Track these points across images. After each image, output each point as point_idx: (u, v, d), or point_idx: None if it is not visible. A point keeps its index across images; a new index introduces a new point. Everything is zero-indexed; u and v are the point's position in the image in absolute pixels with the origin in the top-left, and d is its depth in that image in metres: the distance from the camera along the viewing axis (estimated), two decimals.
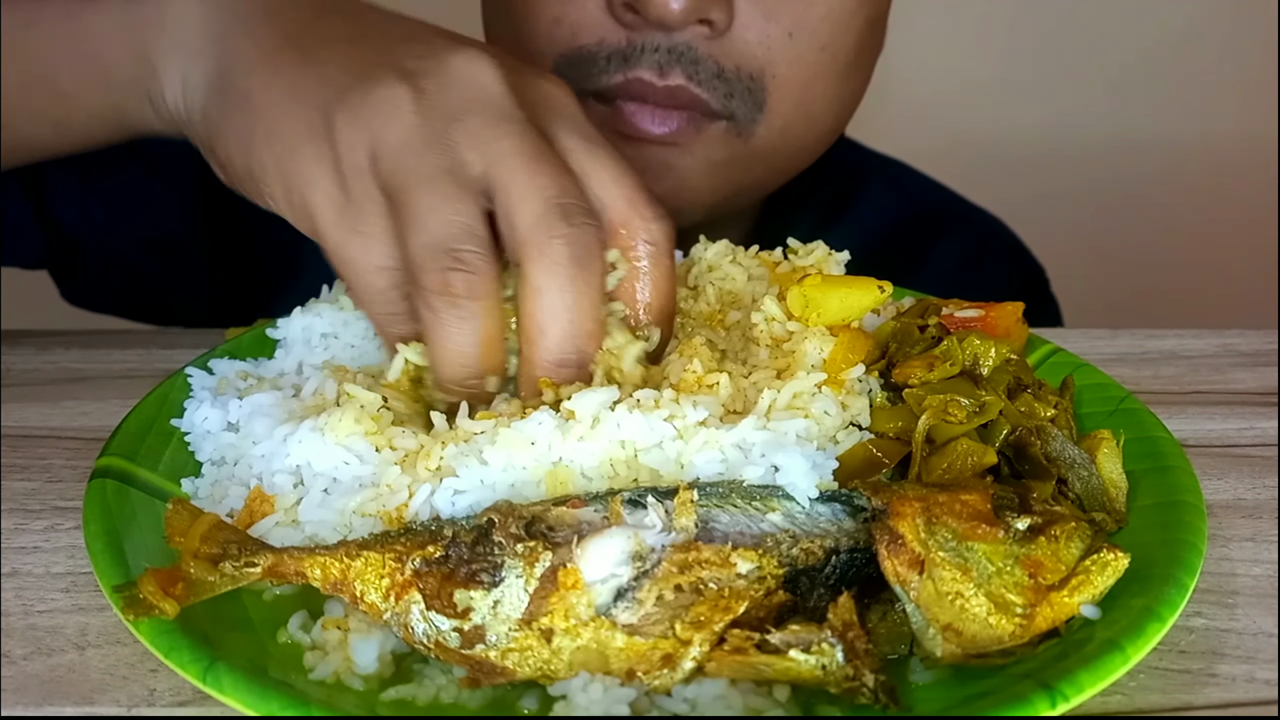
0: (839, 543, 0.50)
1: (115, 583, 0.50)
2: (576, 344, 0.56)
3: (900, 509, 0.49)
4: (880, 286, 0.64)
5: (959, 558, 0.48)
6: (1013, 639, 0.48)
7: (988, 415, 0.59)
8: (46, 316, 0.98)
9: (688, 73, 0.81)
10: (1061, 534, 0.50)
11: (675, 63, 0.81)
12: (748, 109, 0.84)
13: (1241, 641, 0.54)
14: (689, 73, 0.81)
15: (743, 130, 0.85)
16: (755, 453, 0.54)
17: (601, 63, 0.82)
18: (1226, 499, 0.65)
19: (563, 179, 0.56)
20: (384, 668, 0.49)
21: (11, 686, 0.49)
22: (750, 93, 0.83)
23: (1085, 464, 0.59)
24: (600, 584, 0.47)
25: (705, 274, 0.72)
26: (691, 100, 0.82)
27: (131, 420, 0.63)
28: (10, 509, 0.62)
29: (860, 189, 1.12)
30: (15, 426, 0.71)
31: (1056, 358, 0.71)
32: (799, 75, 0.84)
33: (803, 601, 0.49)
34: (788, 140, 0.88)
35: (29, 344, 0.82)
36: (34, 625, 0.53)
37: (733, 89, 0.83)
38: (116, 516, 0.55)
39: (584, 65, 0.83)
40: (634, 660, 0.46)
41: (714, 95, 0.82)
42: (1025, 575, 0.48)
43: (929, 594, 0.48)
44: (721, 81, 0.82)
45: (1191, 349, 0.83)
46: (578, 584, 0.47)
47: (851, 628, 0.46)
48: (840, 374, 0.61)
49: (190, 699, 0.49)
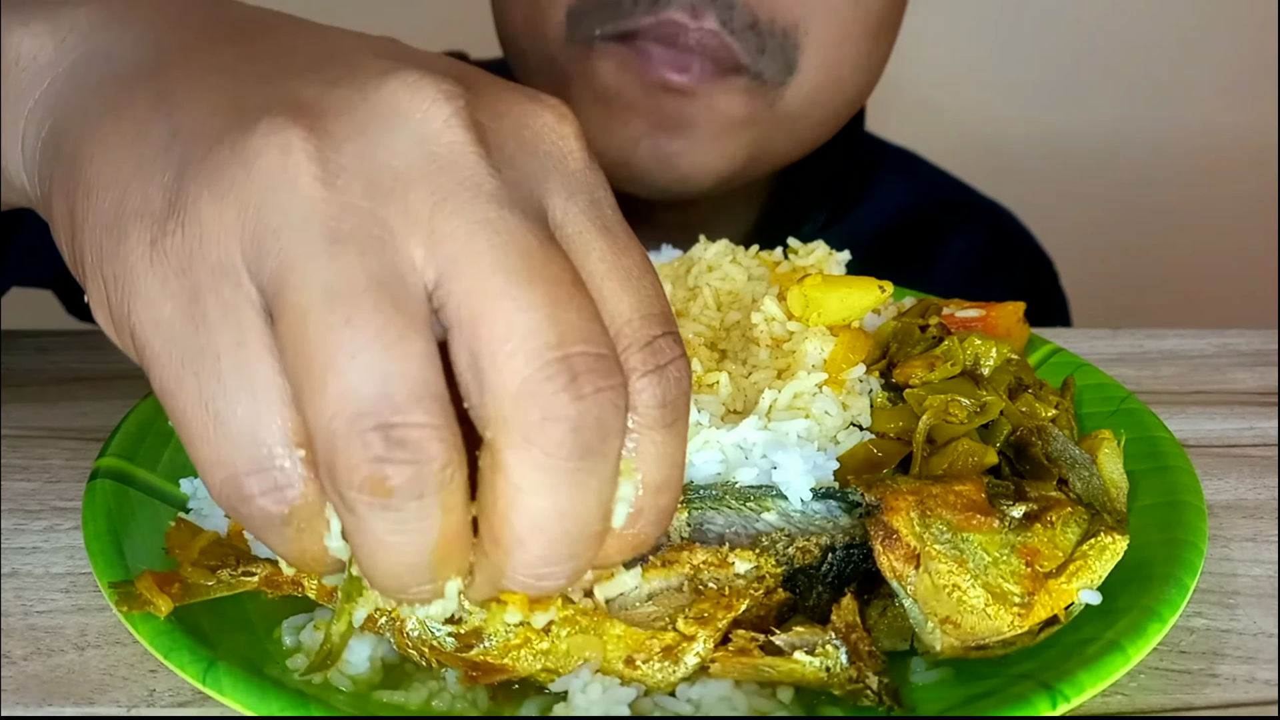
0: (835, 540, 0.50)
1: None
2: (568, 553, 0.37)
3: (894, 503, 0.49)
4: (881, 286, 0.64)
5: (954, 549, 0.48)
6: (1012, 628, 0.47)
7: (989, 415, 0.59)
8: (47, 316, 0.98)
9: (722, 18, 0.78)
10: (1058, 520, 0.49)
11: (710, 4, 0.77)
12: (777, 68, 0.81)
13: (1242, 641, 0.54)
14: (723, 18, 0.78)
15: (769, 91, 0.82)
16: (756, 453, 0.54)
17: (629, 3, 0.79)
18: (1227, 499, 0.65)
19: (568, 308, 0.35)
20: (373, 673, 0.49)
21: (11, 686, 0.49)
22: (783, 50, 0.80)
23: (1086, 464, 0.59)
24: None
25: (705, 274, 0.72)
26: (720, 50, 0.79)
27: (130, 421, 0.63)
28: (10, 509, 0.62)
29: (873, 178, 1.11)
30: (15, 426, 0.71)
31: (1057, 358, 0.71)
32: (832, 34, 0.82)
33: (802, 600, 0.49)
34: (814, 106, 0.85)
35: (29, 344, 0.82)
36: (34, 625, 0.53)
37: (765, 44, 0.79)
38: (116, 517, 0.55)
39: (608, 6, 0.79)
40: (633, 647, 0.46)
41: (745, 48, 0.79)
42: (1022, 563, 0.48)
43: (926, 588, 0.47)
44: (754, 34, 0.79)
45: (1191, 349, 0.83)
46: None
47: (855, 629, 0.46)
48: (841, 374, 0.61)
49: (190, 699, 0.49)
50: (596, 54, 0.82)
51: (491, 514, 0.36)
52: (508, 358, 0.34)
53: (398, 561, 0.36)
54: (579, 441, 0.34)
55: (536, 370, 0.34)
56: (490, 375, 0.34)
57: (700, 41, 0.78)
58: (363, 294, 0.34)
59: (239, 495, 0.36)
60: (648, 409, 0.37)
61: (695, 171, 0.84)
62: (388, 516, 0.34)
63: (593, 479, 0.35)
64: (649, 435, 0.37)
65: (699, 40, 0.78)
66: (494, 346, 0.34)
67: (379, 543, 0.35)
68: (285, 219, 0.34)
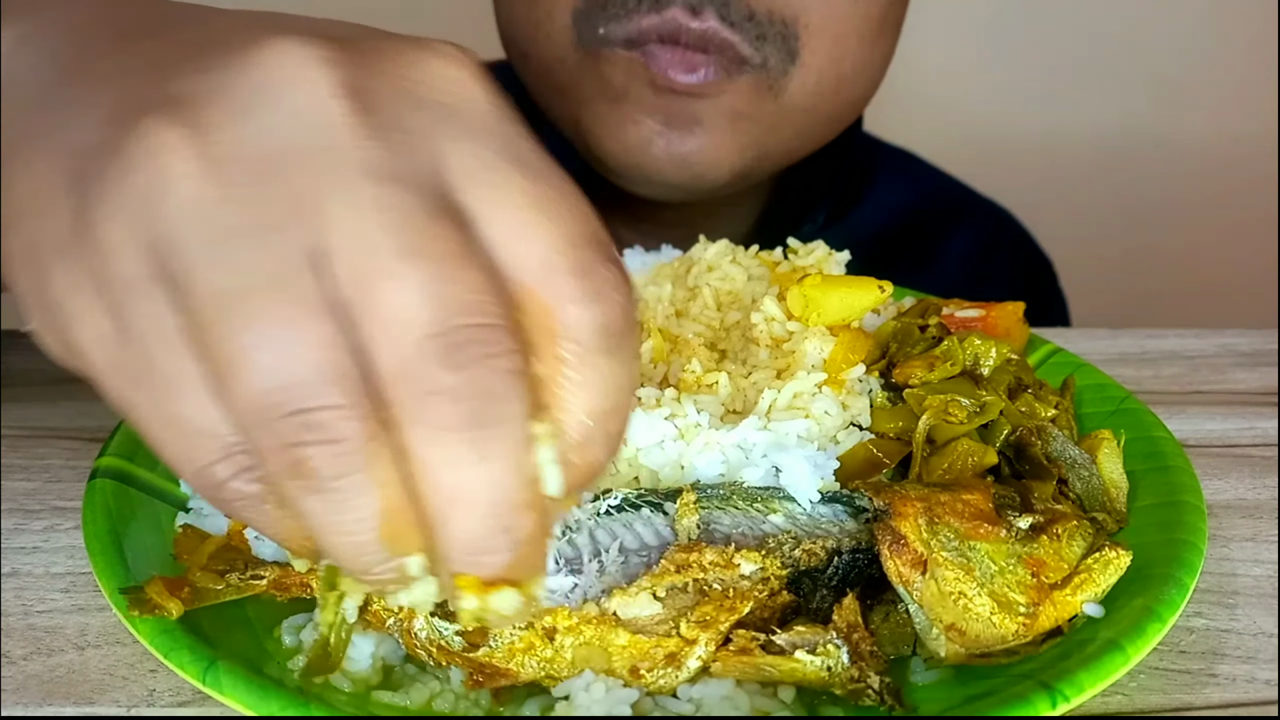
0: (841, 544, 0.50)
1: (115, 582, 0.50)
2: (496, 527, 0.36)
3: (902, 509, 0.49)
4: (880, 286, 0.64)
5: (961, 557, 0.48)
6: (1016, 638, 0.48)
7: (988, 415, 0.59)
8: None
9: (720, 13, 0.79)
10: (1063, 532, 0.50)
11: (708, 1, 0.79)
12: (780, 57, 0.82)
13: (1241, 641, 0.54)
14: (721, 13, 0.79)
15: (774, 83, 0.83)
16: (756, 453, 0.54)
17: (632, 2, 0.80)
18: (1227, 499, 0.65)
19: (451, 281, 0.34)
20: (374, 673, 0.49)
21: (11, 686, 0.49)
22: (783, 39, 0.81)
23: (1086, 464, 0.59)
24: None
25: (705, 274, 0.72)
26: (723, 45, 0.80)
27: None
28: (10, 509, 0.62)
29: (872, 179, 1.11)
30: (15, 426, 0.71)
31: (1057, 358, 0.71)
32: (832, 27, 0.83)
33: (805, 602, 0.49)
34: (820, 100, 0.86)
35: (29, 344, 0.82)
36: (33, 625, 0.53)
37: (764, 31, 0.81)
38: (116, 516, 0.55)
39: (611, 6, 0.81)
40: (637, 658, 0.46)
41: (746, 38, 0.80)
42: (1028, 574, 0.48)
43: (932, 594, 0.48)
44: (753, 24, 0.80)
45: (1191, 349, 0.83)
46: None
47: (856, 629, 0.46)
48: (840, 374, 0.61)
49: (190, 699, 0.49)
50: (604, 60, 0.82)
51: (416, 496, 0.36)
52: (391, 339, 0.34)
53: (347, 541, 0.36)
54: (465, 412, 0.34)
55: (415, 348, 0.34)
56: (377, 358, 0.34)
57: (702, 38, 0.79)
58: (256, 290, 0.34)
59: (213, 484, 0.37)
60: (586, 335, 0.36)
61: (709, 169, 0.84)
62: (320, 499, 0.35)
63: (496, 447, 0.35)
64: (590, 362, 0.37)
65: (700, 37, 0.79)
66: (378, 329, 0.34)
67: (323, 525, 0.36)
68: (170, 225, 0.34)
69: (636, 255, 0.75)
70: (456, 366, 0.34)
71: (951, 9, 1.75)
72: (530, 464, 0.36)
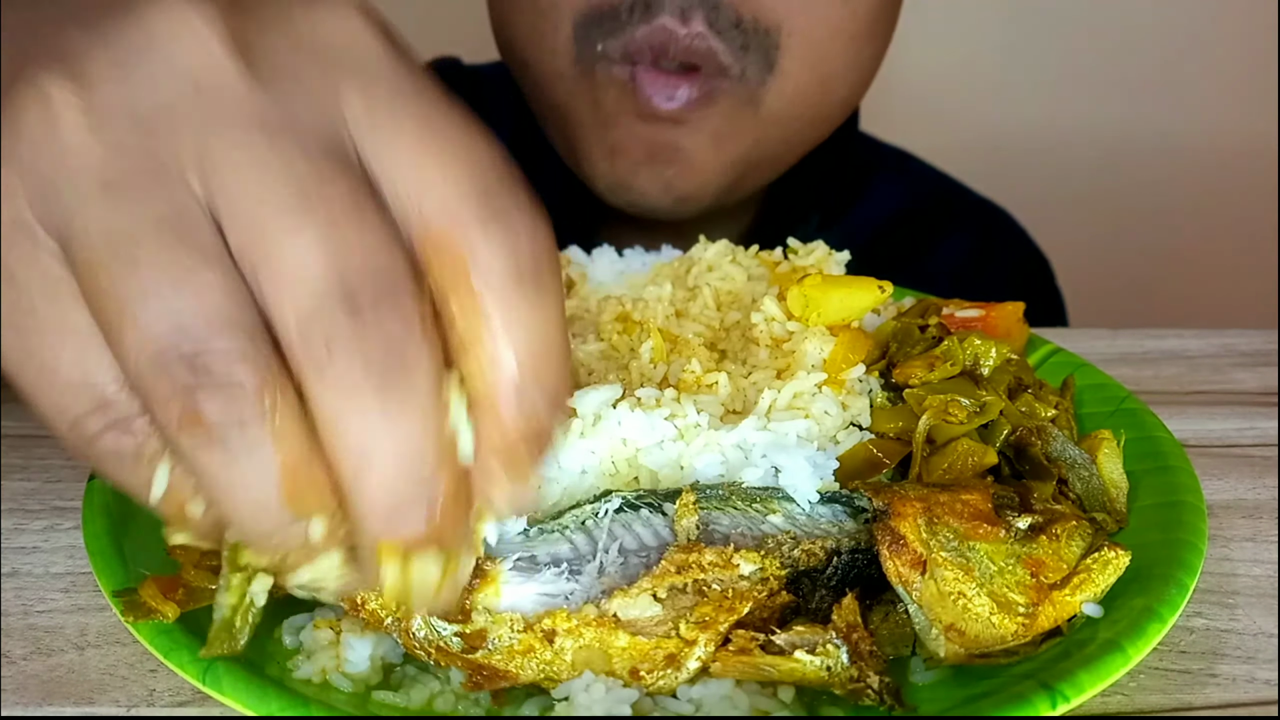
0: (840, 544, 0.50)
1: (114, 583, 0.50)
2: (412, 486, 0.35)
3: (901, 509, 0.49)
4: (880, 286, 0.64)
5: (961, 557, 0.48)
6: (1015, 638, 0.48)
7: (988, 415, 0.59)
8: None
9: (709, 18, 0.80)
10: (1063, 533, 0.50)
11: (697, 6, 0.80)
12: (759, 68, 0.83)
13: (1241, 641, 0.54)
14: (710, 18, 0.80)
15: (752, 94, 0.84)
16: (756, 453, 0.54)
17: (625, 14, 0.81)
18: (1227, 499, 0.65)
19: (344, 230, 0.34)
20: (373, 673, 0.49)
21: (11, 686, 0.49)
22: (764, 50, 0.83)
23: (1086, 464, 0.59)
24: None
25: (705, 274, 0.72)
26: (706, 54, 0.81)
27: None
28: (10, 509, 0.62)
29: (868, 180, 1.12)
30: (15, 426, 0.71)
31: (1057, 358, 0.71)
32: (816, 33, 0.84)
33: (805, 603, 0.49)
34: (802, 107, 0.87)
35: None
36: (33, 625, 0.53)
37: (748, 40, 0.82)
38: (115, 516, 0.55)
39: (606, 20, 0.82)
40: (637, 659, 0.46)
41: (730, 46, 0.82)
42: (1027, 574, 0.48)
43: (931, 594, 0.48)
44: (739, 32, 0.82)
45: (1191, 349, 0.83)
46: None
47: (856, 629, 0.46)
48: (840, 374, 0.61)
49: (190, 699, 0.49)
50: (599, 80, 0.84)
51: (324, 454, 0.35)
52: (289, 292, 0.33)
53: (245, 500, 0.35)
54: (369, 360, 0.34)
55: (314, 300, 0.33)
56: (277, 313, 0.34)
57: (689, 47, 0.81)
58: (145, 236, 0.33)
59: (84, 437, 0.36)
60: (497, 275, 0.35)
61: (693, 191, 0.87)
62: (215, 451, 0.34)
63: (404, 399, 0.34)
64: (506, 303, 0.36)
65: (688, 46, 0.81)
66: (276, 283, 0.34)
67: (217, 482, 0.35)
68: (57, 172, 0.34)
69: (636, 255, 0.75)
70: (356, 314, 0.33)
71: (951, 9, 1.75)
72: (445, 419, 0.35)
